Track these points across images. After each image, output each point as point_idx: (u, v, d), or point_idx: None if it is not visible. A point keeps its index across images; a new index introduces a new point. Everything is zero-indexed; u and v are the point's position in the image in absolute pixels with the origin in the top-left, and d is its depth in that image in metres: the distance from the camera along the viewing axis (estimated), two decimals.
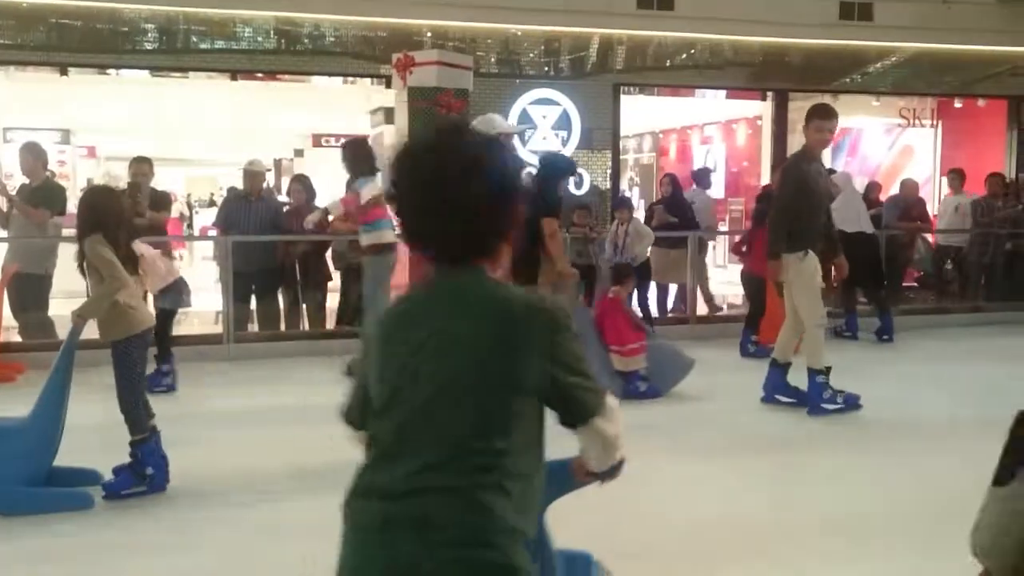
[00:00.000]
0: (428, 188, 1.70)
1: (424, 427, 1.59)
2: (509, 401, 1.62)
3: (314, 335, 8.49)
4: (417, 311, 1.72)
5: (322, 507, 4.22)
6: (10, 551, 3.81)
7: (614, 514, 4.29)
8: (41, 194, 7.77)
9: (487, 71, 11.83)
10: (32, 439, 4.25)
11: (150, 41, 11.13)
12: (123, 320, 4.44)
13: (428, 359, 1.64)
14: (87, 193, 5.09)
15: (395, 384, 1.65)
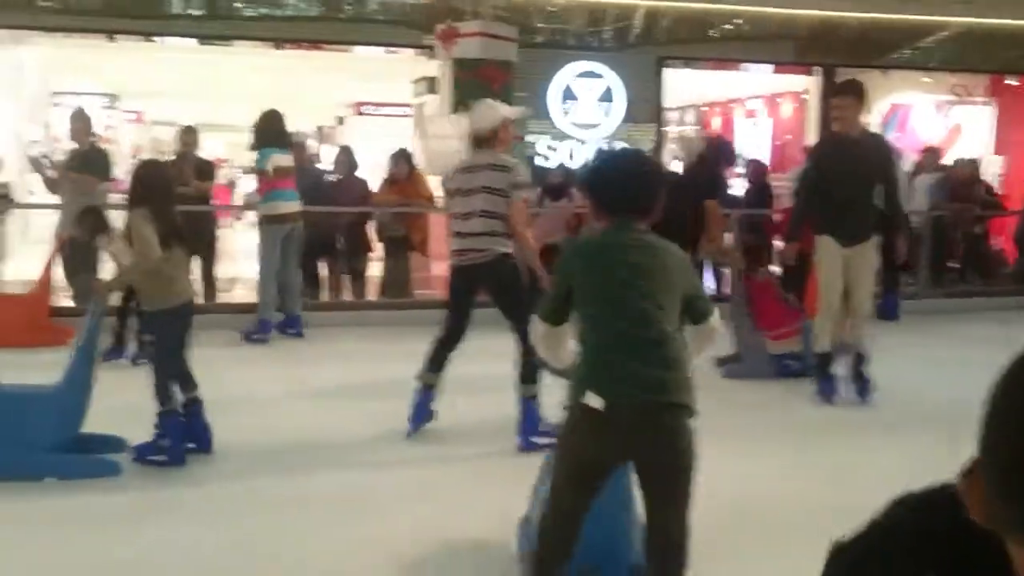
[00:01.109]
0: (636, 183, 2.73)
1: (635, 320, 2.53)
2: (671, 300, 2.55)
3: (356, 305, 8.57)
4: (607, 243, 2.65)
5: (353, 482, 4.33)
6: (36, 515, 3.90)
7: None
8: (88, 160, 7.90)
9: (531, 42, 11.74)
10: (61, 406, 4.36)
11: (196, 8, 11.19)
12: (163, 290, 4.52)
13: (626, 275, 2.56)
14: (138, 166, 5.15)
15: (607, 286, 2.57)
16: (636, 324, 2.42)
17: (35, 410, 4.32)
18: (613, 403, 2.33)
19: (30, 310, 7.17)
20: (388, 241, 8.95)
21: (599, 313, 2.51)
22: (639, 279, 2.50)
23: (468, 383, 6.02)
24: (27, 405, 4.34)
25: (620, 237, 2.60)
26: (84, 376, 4.38)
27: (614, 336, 2.42)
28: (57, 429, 4.33)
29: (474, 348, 7.30)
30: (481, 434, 5.15)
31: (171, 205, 4.66)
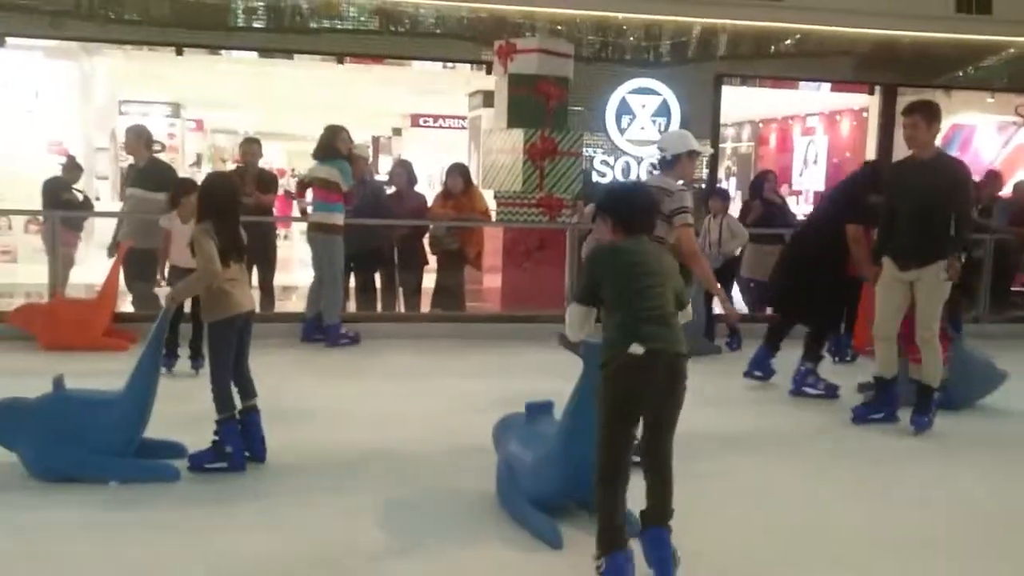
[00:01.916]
0: (645, 209, 3.74)
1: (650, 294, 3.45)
2: (672, 289, 3.53)
3: (409, 318, 8.66)
4: (638, 249, 3.55)
5: (411, 494, 4.38)
6: (98, 520, 3.99)
7: (694, 508, 4.31)
8: (148, 175, 8.02)
9: (588, 57, 11.79)
10: (124, 411, 4.46)
11: (259, 20, 11.42)
12: (219, 303, 4.61)
13: (647, 266, 3.50)
14: (206, 180, 5.26)
15: (641, 275, 3.47)
16: (657, 303, 3.43)
17: (100, 414, 4.44)
18: (649, 349, 3.30)
19: (95, 315, 7.37)
20: (442, 254, 9.04)
21: (632, 296, 3.42)
22: (655, 274, 3.50)
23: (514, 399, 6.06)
24: (93, 410, 4.46)
25: (638, 246, 3.57)
26: (147, 382, 4.50)
27: (645, 311, 3.39)
28: (121, 433, 4.45)
29: (522, 364, 7.38)
30: None
31: (235, 219, 4.76)
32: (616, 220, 3.60)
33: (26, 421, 4.32)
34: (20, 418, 4.34)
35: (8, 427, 4.34)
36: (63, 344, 7.07)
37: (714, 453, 5.20)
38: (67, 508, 4.06)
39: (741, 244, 8.53)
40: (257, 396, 4.80)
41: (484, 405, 6.06)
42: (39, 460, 4.32)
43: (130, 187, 8.10)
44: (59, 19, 10.93)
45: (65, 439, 4.30)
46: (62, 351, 6.96)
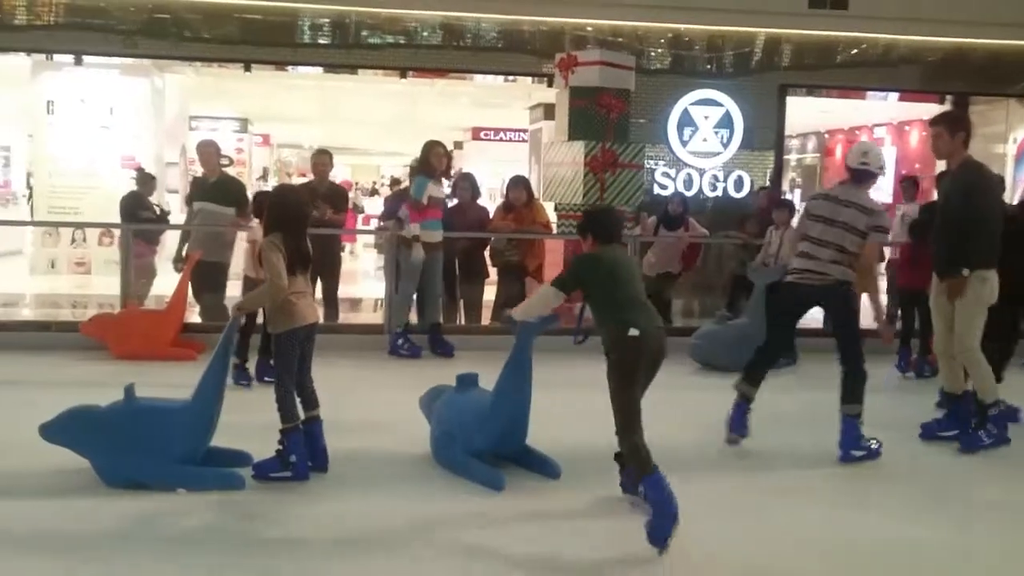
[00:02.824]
0: (618, 224, 4.67)
1: (633, 290, 4.32)
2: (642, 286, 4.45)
3: (470, 330, 8.68)
4: (612, 255, 4.42)
5: (477, 506, 4.38)
6: (165, 529, 4.06)
7: (755, 525, 4.25)
8: (219, 189, 8.16)
9: (649, 69, 11.75)
10: (192, 420, 4.53)
11: (324, 36, 11.62)
12: (284, 314, 4.67)
13: (627, 269, 4.40)
14: (275, 193, 5.33)
15: (624, 277, 4.32)
16: (639, 296, 4.34)
17: (169, 423, 4.52)
18: (643, 330, 4.17)
19: (164, 326, 7.54)
20: (503, 267, 9.05)
21: (618, 292, 4.30)
22: (632, 273, 4.45)
23: (558, 414, 6.06)
24: (162, 418, 4.54)
25: (613, 253, 4.47)
26: (214, 391, 4.58)
27: (629, 302, 4.28)
28: (188, 442, 4.53)
29: (579, 376, 7.34)
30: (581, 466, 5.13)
31: (301, 232, 4.82)
32: (595, 236, 4.48)
33: (97, 429, 4.43)
34: (92, 426, 4.45)
35: (80, 434, 4.46)
36: (134, 354, 7.25)
37: (771, 468, 5.11)
38: (135, 515, 4.15)
39: None
40: (319, 407, 4.86)
41: (542, 418, 6.06)
42: (109, 467, 4.42)
43: (198, 200, 8.23)
44: (132, 38, 11.27)
45: (134, 447, 4.40)
46: (133, 361, 7.13)
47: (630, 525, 4.02)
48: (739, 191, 11.95)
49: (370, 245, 18.89)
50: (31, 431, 4.50)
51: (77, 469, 4.46)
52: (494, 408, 4.73)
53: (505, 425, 4.75)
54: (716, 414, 5.66)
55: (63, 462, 4.50)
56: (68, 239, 12.81)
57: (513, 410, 4.67)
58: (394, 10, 11.43)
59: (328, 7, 11.35)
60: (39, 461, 4.58)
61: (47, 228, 12.88)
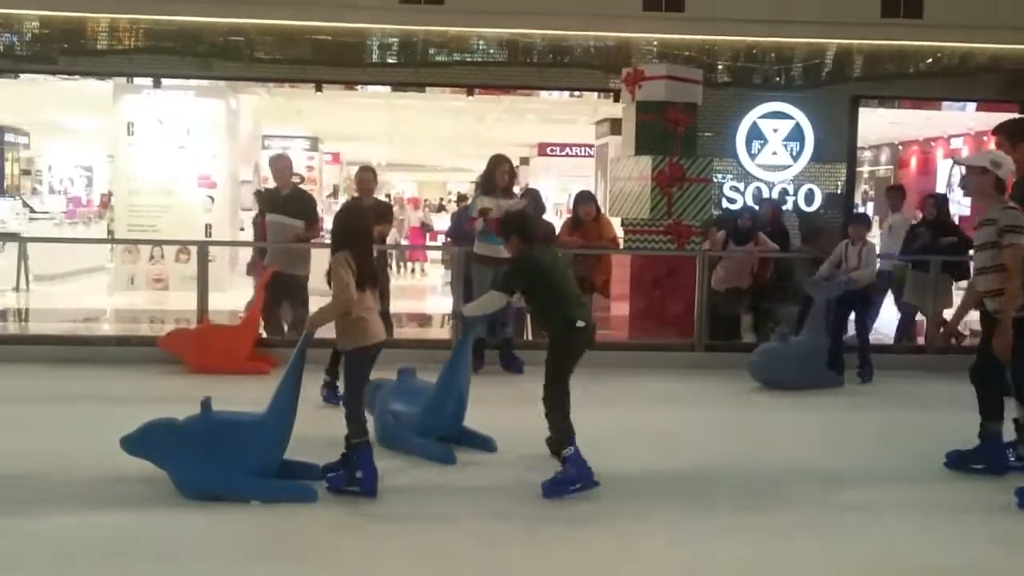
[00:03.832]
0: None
1: (572, 286, 5.05)
2: None
3: (535, 345, 8.65)
4: (546, 255, 5.07)
5: (536, 517, 4.38)
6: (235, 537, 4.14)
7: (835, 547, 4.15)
8: (292, 203, 8.29)
9: (717, 82, 11.66)
10: (266, 433, 4.62)
11: (393, 56, 11.80)
12: (355, 332, 4.71)
13: (562, 266, 5.10)
14: (342, 211, 5.42)
15: (561, 275, 4.99)
16: (575, 290, 5.01)
17: (244, 436, 4.62)
18: (586, 322, 4.88)
19: (240, 340, 7.69)
20: None
21: (560, 288, 4.93)
22: (566, 271, 5.05)
23: (639, 429, 6.04)
24: (237, 431, 4.64)
25: (549, 252, 5.15)
26: (288, 405, 4.65)
27: (569, 297, 4.93)
28: (262, 454, 4.61)
29: (648, 392, 7.29)
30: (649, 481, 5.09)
31: (369, 248, 4.89)
32: (520, 236, 5.04)
33: (175, 441, 4.54)
34: (170, 438, 4.56)
35: (159, 446, 4.57)
36: (210, 368, 7.40)
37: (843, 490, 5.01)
38: (211, 526, 4.23)
39: (870, 276, 8.04)
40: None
41: (611, 434, 6.02)
42: (186, 478, 4.52)
43: (271, 212, 8.36)
44: (208, 60, 11.60)
45: (210, 459, 4.49)
46: (208, 375, 7.28)
47: None
48: (810, 204, 11.77)
49: (437, 261, 19.07)
50: (112, 443, 4.63)
51: (157, 480, 4.57)
52: (444, 397, 5.39)
53: (452, 410, 5.41)
54: (772, 431, 5.56)
55: (143, 473, 4.61)
56: (147, 256, 13.19)
57: (457, 396, 5.40)
58: (461, 28, 11.56)
59: (396, 27, 11.53)
60: (120, 472, 4.70)
61: (127, 246, 13.28)
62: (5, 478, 4.77)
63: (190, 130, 13.05)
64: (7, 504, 4.40)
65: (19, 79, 12.57)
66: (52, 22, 11.41)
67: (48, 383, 7.10)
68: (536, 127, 18.85)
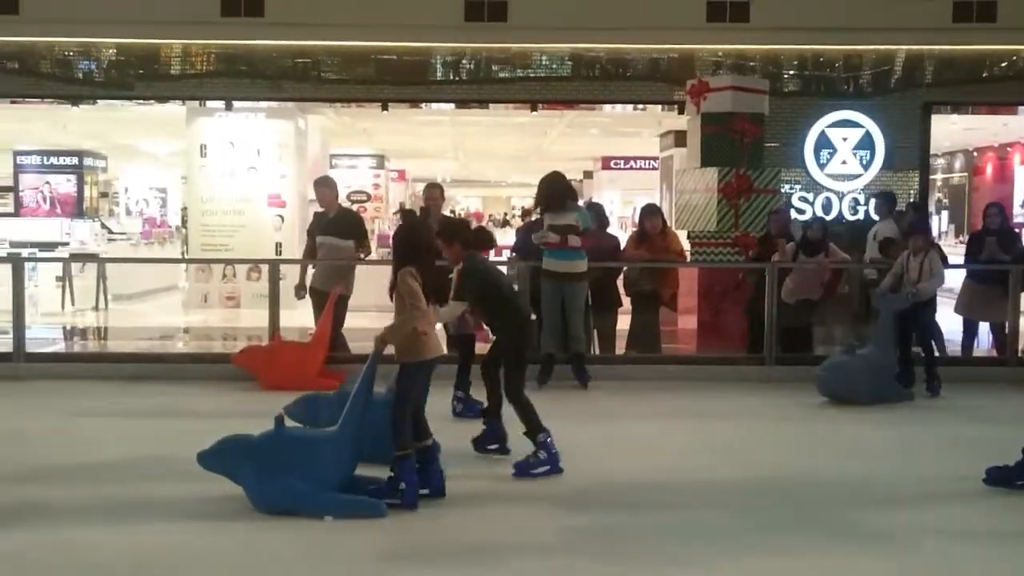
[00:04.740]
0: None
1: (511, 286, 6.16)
2: None
3: (604, 360, 8.63)
4: (486, 260, 5.75)
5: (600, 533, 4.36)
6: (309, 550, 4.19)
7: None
8: (338, 224, 8.43)
9: (784, 91, 11.50)
10: (338, 449, 4.68)
11: (457, 73, 11.91)
12: (416, 346, 4.76)
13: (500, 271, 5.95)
14: (403, 227, 5.48)
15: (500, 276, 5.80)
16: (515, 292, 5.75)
17: (316, 451, 4.67)
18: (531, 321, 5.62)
19: (311, 357, 7.81)
20: (636, 296, 8.99)
21: (508, 292, 5.59)
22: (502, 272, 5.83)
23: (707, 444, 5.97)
24: (309, 446, 4.71)
25: (487, 262, 5.70)
26: (358, 421, 4.69)
27: (515, 296, 5.66)
28: (333, 470, 4.66)
29: (717, 407, 7.20)
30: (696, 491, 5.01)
31: (433, 265, 4.93)
32: (463, 242, 5.39)
33: (249, 456, 4.62)
34: (244, 453, 4.63)
35: (233, 461, 4.65)
36: (282, 384, 7.50)
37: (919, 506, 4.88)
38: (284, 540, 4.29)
39: (937, 287, 7.82)
40: (432, 436, 4.91)
41: (677, 447, 5.97)
42: (259, 493, 4.59)
43: (321, 235, 8.49)
44: (277, 82, 11.86)
45: (282, 474, 4.55)
46: (280, 391, 7.39)
47: None
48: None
49: None
50: (188, 458, 4.73)
51: (232, 496, 4.65)
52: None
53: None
54: (839, 446, 5.43)
55: (221, 489, 4.69)
56: (219, 275, 13.49)
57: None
58: (524, 44, 11.62)
59: (460, 45, 11.64)
60: (195, 488, 4.80)
61: (200, 264, 13.60)
62: (86, 493, 4.91)
63: (260, 151, 13.32)
64: (87, 517, 4.52)
65: (97, 105, 13.00)
66: (128, 49, 11.79)
67: (126, 400, 7.30)
68: (599, 140, 18.84)
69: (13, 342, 8.25)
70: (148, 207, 25.62)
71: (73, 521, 4.46)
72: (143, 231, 19.85)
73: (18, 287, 8.35)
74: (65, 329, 12.43)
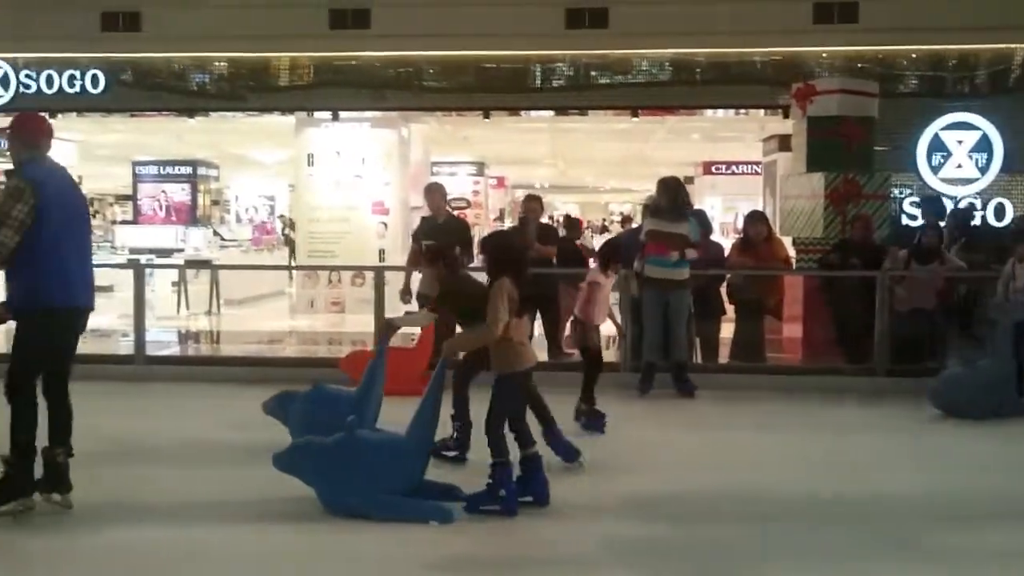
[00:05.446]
0: None
1: None
2: None
3: (706, 368, 8.51)
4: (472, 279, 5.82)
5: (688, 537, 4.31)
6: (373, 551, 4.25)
7: None
8: (447, 230, 8.53)
9: (894, 94, 11.15)
10: (407, 453, 4.74)
11: (557, 80, 11.94)
12: (516, 356, 4.77)
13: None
14: (495, 239, 5.50)
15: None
16: None
17: (386, 456, 4.74)
18: None
19: (415, 362, 7.91)
20: (740, 304, 8.84)
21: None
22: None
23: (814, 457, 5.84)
24: (379, 451, 4.77)
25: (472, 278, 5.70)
26: (429, 426, 4.75)
27: None
28: (403, 474, 4.71)
29: (823, 419, 7.02)
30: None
31: (526, 274, 4.93)
32: (447, 266, 5.66)
33: (321, 459, 4.70)
34: (316, 456, 4.72)
35: (305, 464, 4.74)
36: (386, 389, 7.65)
37: None
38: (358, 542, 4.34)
39: None
40: (535, 444, 4.91)
41: (779, 459, 5.85)
42: (330, 495, 4.69)
43: (426, 239, 8.61)
44: (381, 92, 12.12)
45: (353, 477, 4.64)
46: (385, 395, 7.52)
47: None
48: (1000, 219, 11.02)
49: None
50: None
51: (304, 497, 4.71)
52: None
53: None
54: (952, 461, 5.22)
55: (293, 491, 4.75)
56: (325, 280, 13.84)
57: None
58: (625, 51, 11.58)
59: (560, 52, 11.67)
60: (275, 489, 4.85)
61: (307, 271, 13.99)
62: (191, 491, 5.07)
63: (365, 159, 13.62)
64: (190, 516, 4.68)
65: (210, 116, 13.52)
66: (239, 63, 12.23)
67: (237, 403, 7.51)
68: (701, 145, 18.61)
69: (134, 345, 8.63)
70: (257, 214, 26.46)
71: (177, 519, 4.62)
72: (253, 238, 20.53)
73: (139, 292, 8.73)
74: (180, 332, 12.94)
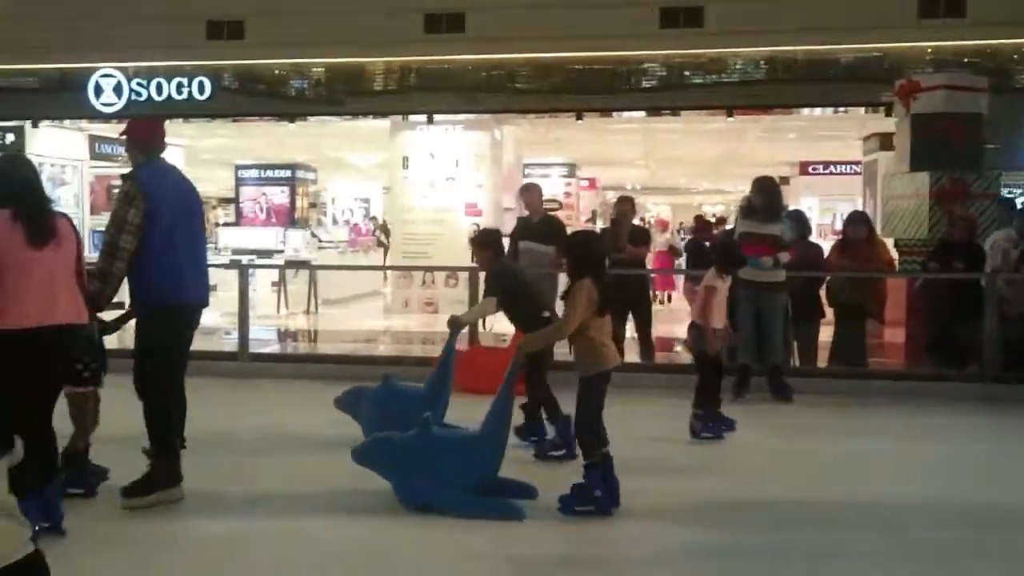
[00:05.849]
0: None
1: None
2: None
3: (805, 372, 8.33)
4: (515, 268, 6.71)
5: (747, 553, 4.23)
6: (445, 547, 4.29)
7: None
8: (543, 229, 8.59)
9: (1007, 88, 10.73)
10: (481, 450, 4.77)
11: (648, 80, 11.87)
12: (599, 357, 4.75)
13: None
14: (576, 239, 5.55)
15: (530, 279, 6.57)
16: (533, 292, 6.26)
17: (459, 453, 4.79)
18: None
19: (507, 362, 7.97)
20: (840, 307, 8.62)
21: (532, 289, 6.16)
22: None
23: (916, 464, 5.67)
24: (453, 447, 4.83)
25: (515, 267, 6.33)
26: (502, 424, 4.76)
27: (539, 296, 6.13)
28: (476, 471, 4.74)
29: (926, 426, 6.79)
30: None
31: (605, 274, 4.93)
32: (493, 250, 6.11)
33: (396, 454, 4.79)
34: (392, 451, 4.80)
35: (382, 459, 4.84)
36: (478, 389, 7.69)
37: None
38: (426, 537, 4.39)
39: None
40: (608, 444, 4.85)
41: (874, 467, 5.70)
42: (404, 490, 4.76)
43: (523, 239, 8.67)
44: (473, 95, 12.24)
45: (426, 473, 4.70)
46: (476, 394, 7.59)
47: None
48: None
49: None
50: None
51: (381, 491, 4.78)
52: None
53: None
54: None
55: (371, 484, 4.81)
56: (419, 281, 14.05)
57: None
58: (720, 50, 11.43)
59: (652, 52, 11.59)
60: (353, 483, 4.96)
61: (402, 271, 14.23)
62: (289, 487, 5.17)
63: (458, 162, 13.78)
64: (285, 511, 4.78)
65: (308, 121, 13.87)
66: (335, 68, 12.53)
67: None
68: (797, 145, 18.23)
69: (238, 342, 8.92)
70: (353, 216, 27.00)
71: (277, 509, 4.77)
72: (349, 239, 20.97)
73: (243, 291, 9.03)
74: (279, 331, 13.31)
